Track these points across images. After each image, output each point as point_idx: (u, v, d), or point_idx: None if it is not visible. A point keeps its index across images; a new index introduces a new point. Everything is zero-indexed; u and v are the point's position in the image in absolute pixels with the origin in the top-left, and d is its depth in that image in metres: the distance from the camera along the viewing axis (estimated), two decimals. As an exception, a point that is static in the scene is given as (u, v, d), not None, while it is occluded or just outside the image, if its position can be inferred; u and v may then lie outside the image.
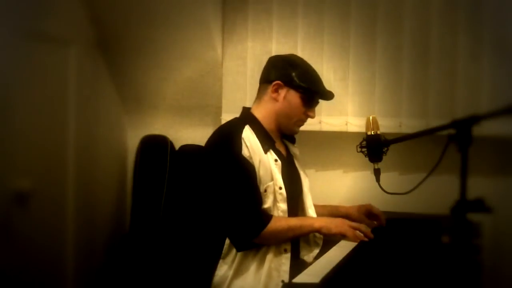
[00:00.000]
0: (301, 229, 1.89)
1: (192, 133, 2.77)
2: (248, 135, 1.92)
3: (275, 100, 1.99)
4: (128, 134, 2.88)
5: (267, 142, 1.97)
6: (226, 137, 1.92)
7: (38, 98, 2.19)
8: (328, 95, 2.06)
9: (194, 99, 2.78)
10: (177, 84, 2.76)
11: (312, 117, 2.06)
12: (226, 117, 2.65)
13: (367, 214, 2.15)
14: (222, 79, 2.70)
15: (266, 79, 2.04)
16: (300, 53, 2.57)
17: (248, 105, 2.59)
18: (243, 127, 1.94)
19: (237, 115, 2.11)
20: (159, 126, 2.81)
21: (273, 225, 1.84)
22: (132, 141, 2.79)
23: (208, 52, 2.67)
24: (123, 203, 2.83)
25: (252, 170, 1.88)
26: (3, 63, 1.99)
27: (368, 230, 1.90)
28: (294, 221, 1.91)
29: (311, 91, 2.00)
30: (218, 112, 2.73)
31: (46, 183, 2.23)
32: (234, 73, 2.69)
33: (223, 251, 1.90)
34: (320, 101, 2.09)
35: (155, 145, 2.66)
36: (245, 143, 1.89)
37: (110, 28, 2.59)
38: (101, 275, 2.65)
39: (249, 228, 1.84)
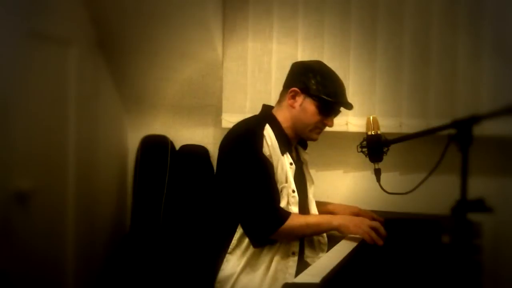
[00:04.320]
0: (319, 226, 1.89)
1: (192, 133, 2.77)
2: (269, 133, 1.92)
3: (292, 106, 1.99)
4: (129, 134, 2.88)
5: (284, 144, 1.97)
6: (248, 133, 1.92)
7: (38, 98, 2.19)
8: (347, 106, 2.05)
9: (194, 99, 2.78)
10: (177, 84, 2.75)
11: (330, 126, 2.05)
12: (226, 117, 2.65)
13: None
14: (222, 79, 2.70)
15: (285, 85, 2.05)
16: (300, 53, 2.58)
17: (247, 105, 2.62)
18: (265, 125, 1.93)
19: (237, 115, 2.11)
20: (159, 126, 2.81)
21: (291, 222, 1.84)
22: (133, 141, 2.80)
23: (208, 52, 2.67)
24: (124, 203, 2.82)
25: (271, 168, 1.88)
26: (4, 62, 1.99)
27: (383, 230, 1.85)
28: (313, 219, 1.92)
29: (327, 100, 1.97)
30: (218, 112, 2.73)
31: (46, 183, 2.23)
32: (234, 73, 2.69)
33: (231, 246, 1.90)
34: None
35: (155, 145, 2.66)
36: (266, 141, 1.89)
37: (110, 28, 2.59)
38: (101, 275, 2.65)
39: (267, 225, 1.84)
